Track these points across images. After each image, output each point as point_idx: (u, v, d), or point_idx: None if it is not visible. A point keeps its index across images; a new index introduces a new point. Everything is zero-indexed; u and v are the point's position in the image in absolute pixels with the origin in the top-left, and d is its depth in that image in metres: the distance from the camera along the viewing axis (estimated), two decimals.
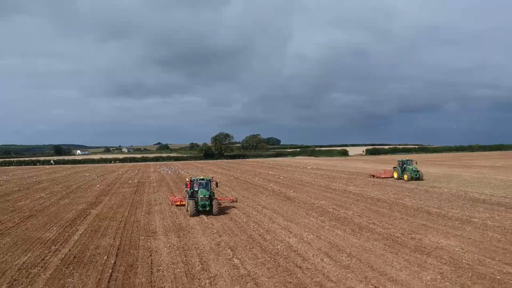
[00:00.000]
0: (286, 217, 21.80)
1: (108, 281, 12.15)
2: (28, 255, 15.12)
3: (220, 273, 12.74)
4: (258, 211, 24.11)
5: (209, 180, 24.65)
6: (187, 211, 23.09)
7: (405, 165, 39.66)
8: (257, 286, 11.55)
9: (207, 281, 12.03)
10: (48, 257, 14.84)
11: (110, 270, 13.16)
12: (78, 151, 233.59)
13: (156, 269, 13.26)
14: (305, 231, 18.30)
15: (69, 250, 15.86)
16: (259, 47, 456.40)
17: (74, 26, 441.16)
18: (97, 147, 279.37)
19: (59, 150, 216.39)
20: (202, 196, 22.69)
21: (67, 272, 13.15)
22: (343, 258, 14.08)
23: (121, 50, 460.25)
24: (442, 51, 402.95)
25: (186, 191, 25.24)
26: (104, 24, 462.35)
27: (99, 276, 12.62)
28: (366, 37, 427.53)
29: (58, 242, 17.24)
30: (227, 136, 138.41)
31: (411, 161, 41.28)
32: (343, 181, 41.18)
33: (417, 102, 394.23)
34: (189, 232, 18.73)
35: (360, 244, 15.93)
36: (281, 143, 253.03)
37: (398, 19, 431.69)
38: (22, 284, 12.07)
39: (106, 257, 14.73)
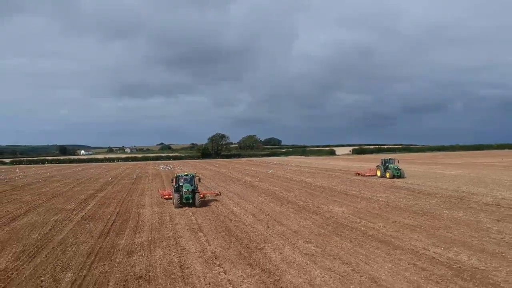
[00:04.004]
0: (241, 197, 29.64)
1: (111, 226, 20.02)
2: (59, 215, 23.10)
3: (179, 223, 20.55)
4: (223, 194, 31.91)
5: (193, 175, 27.01)
6: (173, 203, 25.60)
7: (387, 164, 41.54)
8: (199, 227, 19.32)
9: (170, 225, 19.85)
10: (72, 216, 22.81)
11: (112, 222, 21.06)
12: (83, 151, 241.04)
13: (141, 221, 21.12)
14: (248, 204, 26.11)
15: (85, 213, 23.80)
16: (264, 46, 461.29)
17: (78, 25, 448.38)
18: (101, 148, 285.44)
19: (64, 150, 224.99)
20: (186, 190, 25.03)
21: (85, 223, 21.05)
22: (262, 216, 21.86)
23: (126, 50, 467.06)
24: (449, 50, 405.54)
25: (173, 186, 27.66)
26: (108, 23, 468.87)
27: (105, 224, 20.49)
28: (372, 37, 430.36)
29: (77, 210, 25.21)
30: (223, 136, 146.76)
31: (393, 160, 43.19)
32: (307, 174, 49.02)
33: (422, 102, 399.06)
34: (167, 205, 26.54)
35: (279, 210, 23.71)
36: (282, 143, 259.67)
37: (404, 18, 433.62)
38: (59, 227, 19.97)
39: (109, 216, 22.65)
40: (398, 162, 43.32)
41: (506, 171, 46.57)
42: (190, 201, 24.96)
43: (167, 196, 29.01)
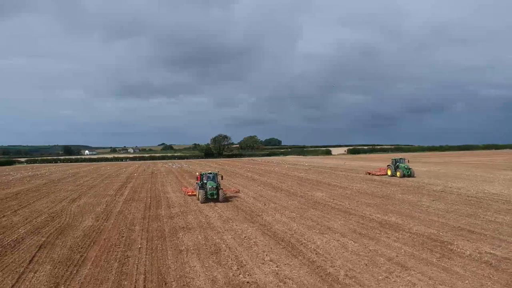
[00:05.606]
0: (244, 186, 36.86)
1: (149, 204, 27.23)
2: (106, 198, 30.34)
3: (202, 205, 27.75)
4: (230, 184, 39.13)
5: (216, 174, 29.63)
6: (198, 199, 27.65)
7: (398, 163, 42.80)
8: (215, 205, 26.42)
9: (193, 204, 27.02)
10: (116, 199, 30.05)
11: (149, 202, 28.27)
12: (87, 151, 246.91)
13: (170, 201, 28.30)
14: (250, 191, 33.30)
15: (125, 197, 31.03)
16: (267, 47, 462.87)
17: (80, 25, 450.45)
18: (103, 148, 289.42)
19: (69, 150, 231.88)
20: (210, 186, 27.48)
21: (129, 202, 28.25)
22: (260, 198, 29.04)
23: (127, 50, 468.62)
24: (452, 50, 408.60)
25: (196, 183, 29.70)
26: (110, 23, 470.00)
27: (144, 203, 27.69)
28: (375, 36, 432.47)
29: (117, 195, 32.45)
30: (225, 137, 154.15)
31: (404, 159, 44.08)
32: (300, 171, 56.25)
33: (424, 103, 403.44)
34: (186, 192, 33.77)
35: (274, 195, 30.90)
36: (283, 143, 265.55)
37: (407, 18, 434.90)
38: (111, 205, 27.18)
39: (145, 199, 29.88)
40: (409, 162, 44.82)
41: (473, 168, 53.75)
42: (215, 196, 27.21)
43: (190, 193, 30.91)
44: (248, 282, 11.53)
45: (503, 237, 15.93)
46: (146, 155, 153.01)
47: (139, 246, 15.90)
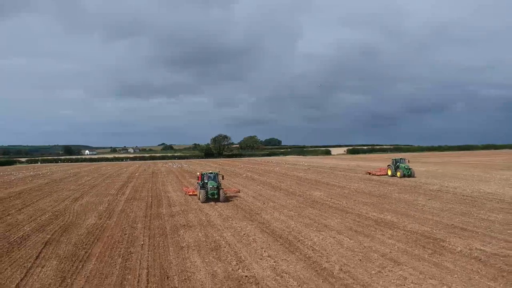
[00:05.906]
0: (243, 186, 37.39)
1: (150, 203, 27.76)
2: (108, 198, 30.87)
3: (203, 203, 28.29)
4: (230, 184, 39.66)
5: (216, 173, 30.07)
6: (199, 199, 27.93)
7: (398, 163, 42.86)
8: (215, 204, 27.00)
9: (194, 203, 27.55)
10: (118, 198, 30.57)
11: (150, 201, 28.79)
12: (87, 151, 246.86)
13: (171, 200, 28.83)
14: (249, 191, 33.83)
15: (127, 196, 31.55)
16: (267, 47, 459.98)
17: (80, 25, 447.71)
18: (103, 148, 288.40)
19: (69, 150, 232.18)
20: (211, 186, 27.86)
21: (131, 201, 28.78)
22: (260, 197, 29.57)
23: (128, 50, 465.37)
24: (453, 50, 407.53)
25: (197, 183, 30.08)
26: (110, 23, 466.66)
27: (146, 202, 28.22)
28: (375, 36, 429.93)
29: (119, 194, 32.97)
30: (225, 137, 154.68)
31: (404, 159, 44.09)
32: (299, 170, 56.78)
33: (424, 103, 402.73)
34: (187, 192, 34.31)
35: (273, 194, 31.42)
36: (283, 143, 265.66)
37: (407, 18, 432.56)
38: (114, 204, 27.71)
39: (146, 198, 30.40)
40: (409, 162, 44.93)
41: (472, 168, 54.24)
42: (216, 196, 27.61)
43: (191, 193, 31.05)
44: (246, 276, 12.07)
45: (494, 234, 16.46)
46: (146, 155, 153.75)
47: (142, 243, 16.43)
